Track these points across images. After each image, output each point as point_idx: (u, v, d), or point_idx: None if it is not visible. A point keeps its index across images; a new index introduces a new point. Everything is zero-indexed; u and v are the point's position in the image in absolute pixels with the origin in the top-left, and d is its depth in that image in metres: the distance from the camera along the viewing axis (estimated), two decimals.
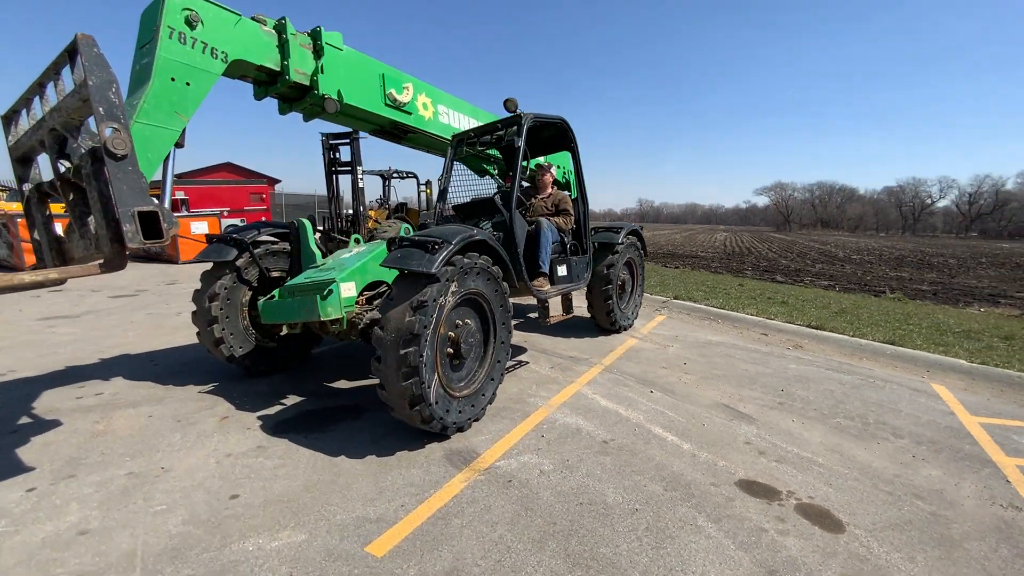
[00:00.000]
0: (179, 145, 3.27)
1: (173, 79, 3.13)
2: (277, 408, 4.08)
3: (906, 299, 15.42)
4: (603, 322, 6.46)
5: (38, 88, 2.65)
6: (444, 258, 3.28)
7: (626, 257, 6.52)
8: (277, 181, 37.58)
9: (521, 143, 4.51)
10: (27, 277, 2.27)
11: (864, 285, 19.09)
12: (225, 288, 4.40)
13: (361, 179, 13.56)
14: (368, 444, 3.49)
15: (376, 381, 3.30)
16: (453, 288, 3.43)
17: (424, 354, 3.17)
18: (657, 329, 7.02)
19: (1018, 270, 26.28)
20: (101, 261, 2.46)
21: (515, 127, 4.63)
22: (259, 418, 3.88)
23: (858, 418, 4.06)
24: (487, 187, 6.23)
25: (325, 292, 3.66)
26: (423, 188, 14.28)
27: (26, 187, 2.95)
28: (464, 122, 5.48)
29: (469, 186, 6.13)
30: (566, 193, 5.52)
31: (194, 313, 4.48)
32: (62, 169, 2.64)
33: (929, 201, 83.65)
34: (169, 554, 2.35)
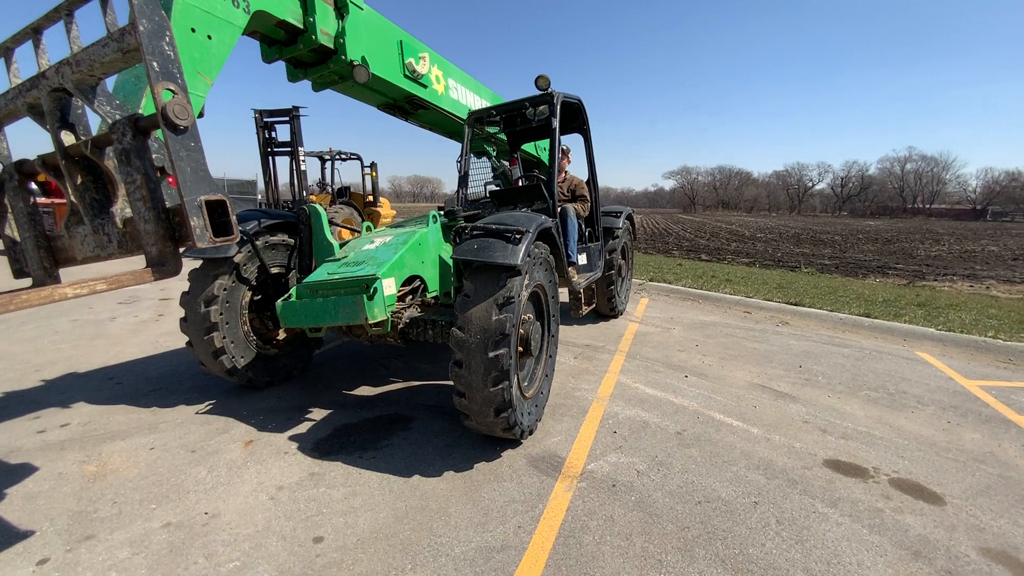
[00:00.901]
0: (199, 115, 2.66)
1: (193, 30, 2.52)
2: (306, 425, 3.55)
3: (818, 273, 17.14)
4: (603, 308, 6.40)
5: (32, 34, 1.97)
6: (526, 248, 2.97)
7: (623, 242, 6.48)
8: None
9: (556, 123, 4.22)
10: (70, 291, 1.68)
11: (778, 261, 20.94)
12: (225, 289, 3.72)
13: (303, 161, 12.41)
14: (436, 458, 3.13)
15: (403, 385, 2.94)
16: (526, 281, 3.13)
17: (512, 355, 2.86)
18: (649, 312, 7.10)
19: (888, 244, 30.21)
20: (149, 266, 1.89)
21: (546, 106, 4.32)
22: (291, 439, 3.35)
23: (880, 389, 4.33)
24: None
25: (371, 291, 3.19)
26: (368, 170, 13.36)
27: None
28: (471, 98, 5.06)
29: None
30: (582, 178, 5.31)
31: (183, 320, 3.75)
32: (66, 142, 1.99)
33: (810, 184, 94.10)
34: None
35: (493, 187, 5.28)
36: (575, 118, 5.20)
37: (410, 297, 3.79)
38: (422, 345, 3.59)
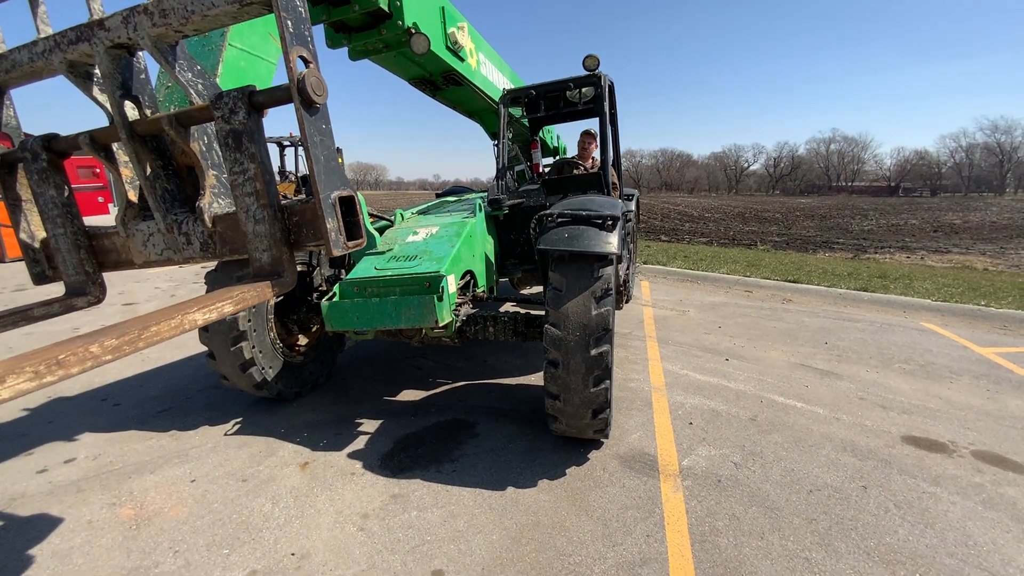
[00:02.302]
0: None
1: None
2: (361, 439, 3.20)
3: (773, 249, 17.96)
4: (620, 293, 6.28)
5: None
6: (619, 235, 2.76)
7: (632, 225, 6.37)
8: None
9: (607, 107, 3.99)
10: (199, 316, 1.31)
11: (733, 239, 21.77)
12: None
13: None
14: (522, 466, 2.89)
15: (449, 387, 2.70)
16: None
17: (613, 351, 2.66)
18: (656, 295, 7.07)
19: (825, 220, 32.20)
20: (259, 276, 1.53)
21: (592, 88, 4.07)
22: (351, 457, 3.00)
23: (910, 361, 4.47)
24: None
25: (440, 291, 2.87)
26: None
27: None
28: (496, 76, 4.72)
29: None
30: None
31: (204, 331, 3.26)
32: (131, 114, 1.56)
33: (746, 165, 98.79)
34: None
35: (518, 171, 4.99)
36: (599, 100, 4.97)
37: (460, 294, 3.48)
38: (472, 342, 3.34)
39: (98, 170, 17.34)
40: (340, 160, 12.43)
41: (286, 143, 12.52)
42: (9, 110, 1.72)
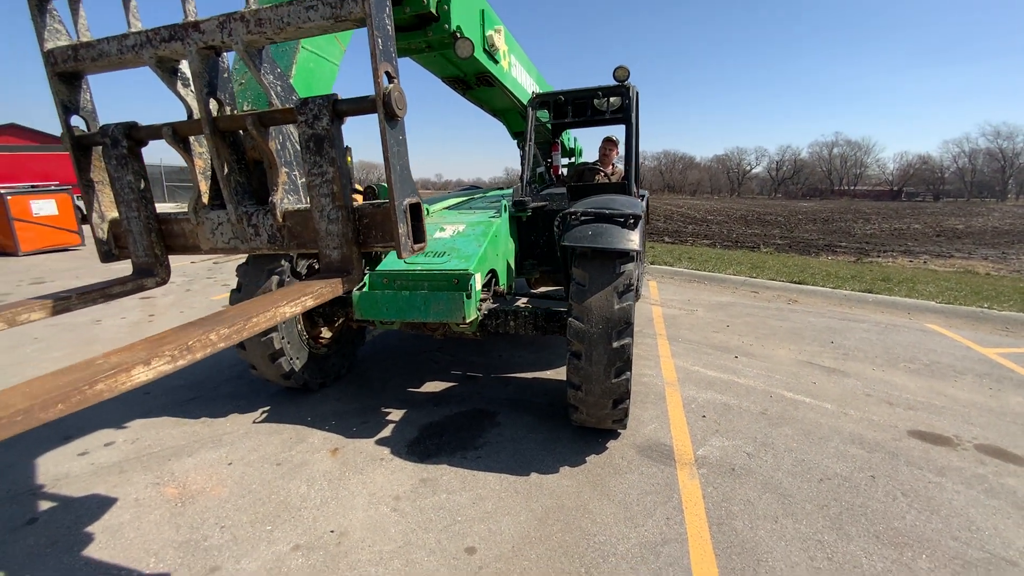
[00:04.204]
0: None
1: None
2: (387, 427, 3.33)
3: (776, 252, 18.05)
4: None
5: None
6: (640, 232, 2.88)
7: (644, 225, 6.49)
8: None
9: (634, 116, 4.12)
10: (287, 309, 1.44)
11: (736, 242, 21.87)
12: (281, 286, 3.39)
13: None
14: (544, 454, 3.02)
15: (469, 378, 2.81)
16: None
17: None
18: (664, 295, 7.20)
19: (827, 224, 32.27)
20: (327, 272, 1.65)
21: (621, 97, 4.20)
22: (379, 444, 3.13)
23: (915, 361, 4.59)
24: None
25: (469, 289, 3.00)
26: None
27: (77, 123, 1.85)
28: (525, 78, 4.84)
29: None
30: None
31: None
32: (214, 111, 1.68)
33: (748, 168, 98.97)
34: None
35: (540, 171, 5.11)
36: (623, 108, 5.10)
37: (483, 291, 3.61)
38: (489, 337, 3.48)
39: None
40: (349, 159, 12.53)
41: None
42: (86, 94, 1.84)
